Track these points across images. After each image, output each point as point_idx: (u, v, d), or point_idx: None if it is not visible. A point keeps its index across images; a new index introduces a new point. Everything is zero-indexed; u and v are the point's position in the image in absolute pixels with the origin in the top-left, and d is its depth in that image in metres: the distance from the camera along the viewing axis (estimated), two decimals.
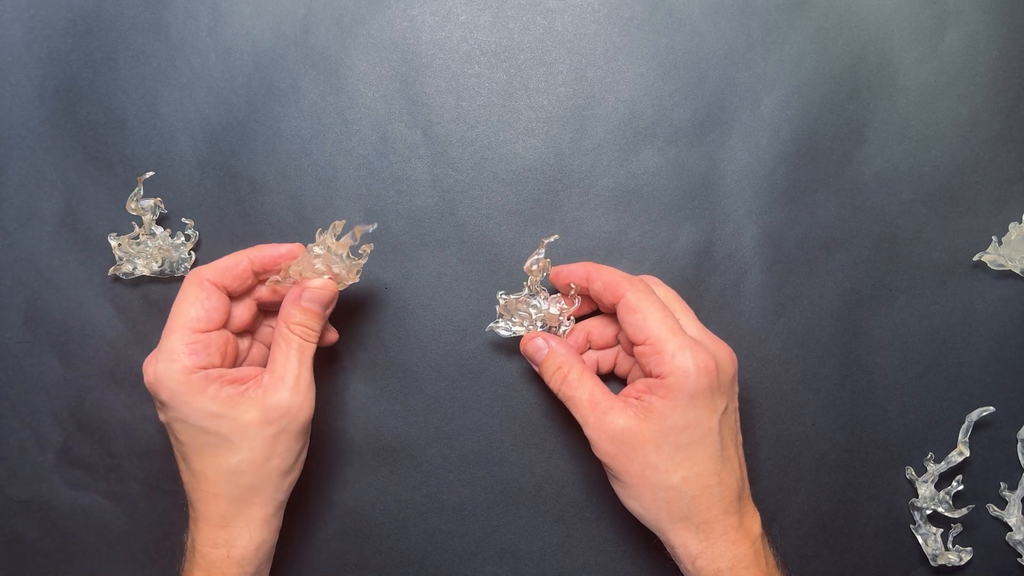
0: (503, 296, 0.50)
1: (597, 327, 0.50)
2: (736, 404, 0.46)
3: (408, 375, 0.53)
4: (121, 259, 0.52)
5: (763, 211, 0.53)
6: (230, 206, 0.53)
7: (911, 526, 0.52)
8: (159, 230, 0.52)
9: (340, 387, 0.53)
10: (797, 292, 0.53)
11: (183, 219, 0.52)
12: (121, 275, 0.52)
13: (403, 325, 0.53)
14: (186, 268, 0.52)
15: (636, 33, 0.53)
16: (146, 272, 0.52)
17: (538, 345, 0.48)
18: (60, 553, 0.53)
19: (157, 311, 0.53)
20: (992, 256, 0.52)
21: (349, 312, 0.53)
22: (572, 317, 0.50)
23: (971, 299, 0.53)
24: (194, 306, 0.44)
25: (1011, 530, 0.52)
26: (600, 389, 0.45)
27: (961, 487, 0.51)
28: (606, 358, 0.51)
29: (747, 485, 0.46)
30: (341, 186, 0.53)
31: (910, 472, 0.52)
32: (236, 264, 0.46)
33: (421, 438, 0.53)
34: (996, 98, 0.53)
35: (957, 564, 0.52)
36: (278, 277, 0.46)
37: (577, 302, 0.49)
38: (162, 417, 0.45)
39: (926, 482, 0.52)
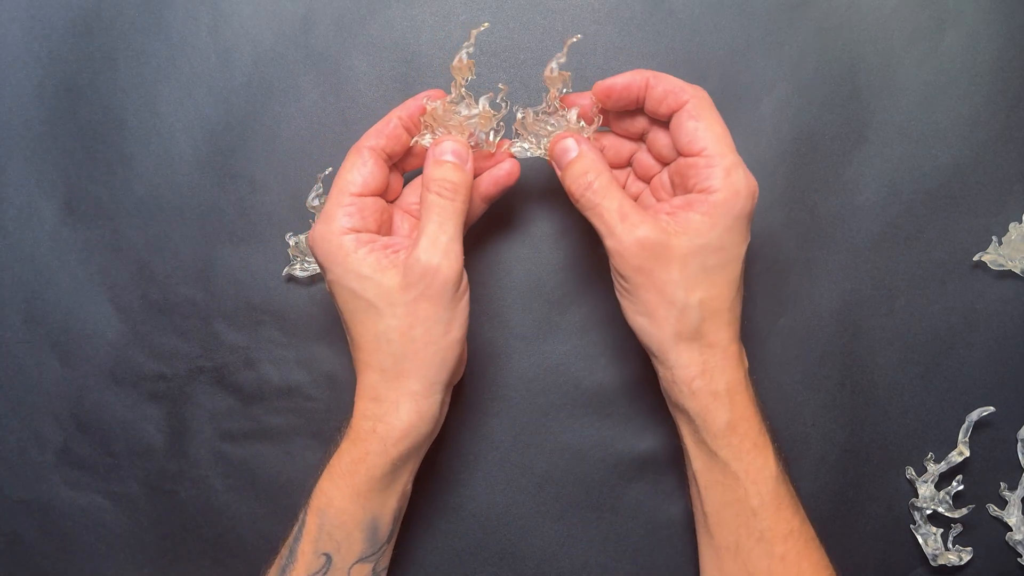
0: (520, 111, 0.46)
1: (612, 144, 0.48)
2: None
3: None
4: (295, 259, 0.52)
5: (763, 211, 0.53)
6: (230, 206, 0.53)
7: (911, 526, 0.52)
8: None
9: (341, 387, 0.53)
10: (797, 292, 0.53)
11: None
12: (297, 274, 0.52)
13: None
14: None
15: (636, 33, 0.53)
16: (310, 266, 0.52)
17: (567, 146, 0.44)
18: (60, 553, 0.53)
19: (157, 311, 0.53)
20: (992, 256, 0.52)
21: None
22: (592, 136, 0.46)
23: (971, 299, 0.53)
24: (351, 172, 0.44)
25: (1011, 530, 0.52)
26: (630, 202, 0.43)
27: (961, 487, 0.51)
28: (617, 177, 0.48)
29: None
30: None
31: (910, 472, 0.52)
32: (387, 123, 0.45)
33: None
34: (996, 98, 0.53)
35: (957, 564, 0.52)
36: (420, 138, 0.46)
37: (598, 121, 0.46)
38: (326, 283, 0.45)
39: (926, 482, 0.52)
